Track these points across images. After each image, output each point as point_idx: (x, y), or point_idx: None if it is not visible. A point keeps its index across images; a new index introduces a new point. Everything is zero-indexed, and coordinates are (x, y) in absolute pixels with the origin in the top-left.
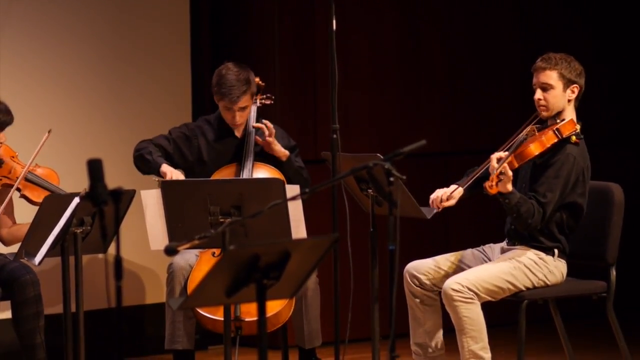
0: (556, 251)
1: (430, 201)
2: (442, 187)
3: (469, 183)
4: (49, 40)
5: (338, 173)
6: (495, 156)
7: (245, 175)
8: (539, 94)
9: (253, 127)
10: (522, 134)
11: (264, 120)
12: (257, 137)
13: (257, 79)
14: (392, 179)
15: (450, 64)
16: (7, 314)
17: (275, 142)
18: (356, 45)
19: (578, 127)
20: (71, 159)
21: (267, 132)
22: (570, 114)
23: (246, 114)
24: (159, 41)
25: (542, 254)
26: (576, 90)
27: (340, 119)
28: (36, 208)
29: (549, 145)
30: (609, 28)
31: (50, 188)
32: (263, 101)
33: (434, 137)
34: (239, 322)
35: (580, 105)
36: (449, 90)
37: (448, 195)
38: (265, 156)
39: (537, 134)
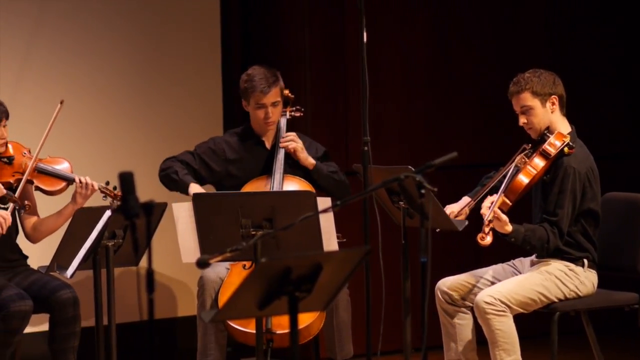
0: (586, 261)
1: None
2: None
3: (480, 197)
4: (80, 47)
5: (369, 185)
6: (485, 204)
7: (275, 187)
8: (522, 119)
9: (281, 146)
10: (512, 165)
11: (286, 134)
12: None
13: (286, 91)
14: (423, 191)
15: (481, 75)
16: (40, 327)
17: (302, 146)
18: (387, 56)
19: (567, 138)
20: (103, 171)
21: (289, 140)
22: (559, 124)
23: (278, 111)
24: (190, 51)
25: (572, 265)
26: (556, 101)
27: (371, 130)
28: (54, 198)
29: (539, 170)
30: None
31: (61, 174)
32: (293, 113)
33: (465, 149)
34: (270, 334)
35: (603, 117)
36: (480, 101)
37: (457, 212)
38: (295, 167)
39: (526, 161)
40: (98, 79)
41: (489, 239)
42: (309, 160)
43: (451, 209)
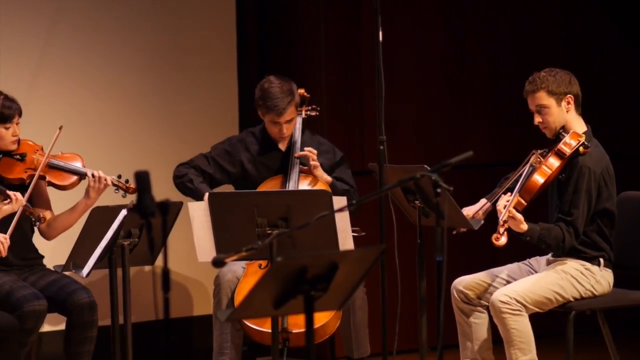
0: (602, 261)
1: None
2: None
3: (496, 198)
4: (97, 46)
5: (385, 184)
6: (501, 203)
7: (291, 186)
8: (537, 118)
9: (296, 156)
10: (527, 166)
11: (306, 148)
12: (301, 166)
13: (302, 91)
14: (439, 190)
15: (497, 75)
16: (58, 327)
17: (319, 168)
18: (402, 56)
19: (582, 137)
20: (120, 170)
21: (310, 160)
22: (574, 123)
23: (292, 126)
24: (206, 50)
25: (588, 264)
26: (571, 100)
27: (386, 130)
28: (69, 195)
29: (554, 170)
30: None
31: (73, 169)
32: (308, 112)
33: (480, 148)
34: (286, 333)
35: (619, 116)
36: (496, 100)
37: (473, 214)
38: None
39: (541, 161)
40: (113, 77)
41: (503, 240)
42: (325, 178)
43: (467, 212)
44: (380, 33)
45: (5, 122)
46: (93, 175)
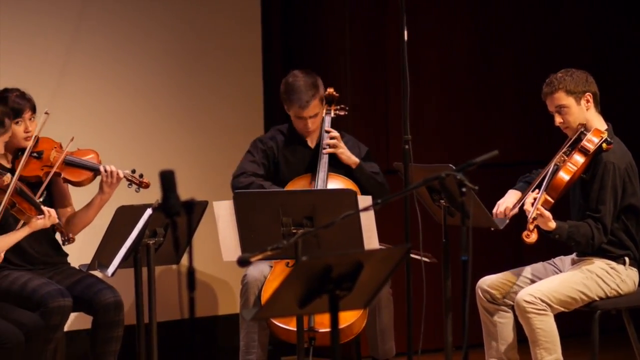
0: (627, 260)
1: (496, 214)
2: None
3: (523, 199)
4: (122, 44)
5: (410, 184)
6: (529, 201)
7: (318, 185)
8: (557, 119)
9: (324, 153)
10: (551, 164)
11: (327, 136)
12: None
13: (331, 90)
14: (464, 189)
15: (521, 74)
16: (84, 325)
17: (343, 148)
18: (427, 55)
19: (604, 133)
20: (144, 168)
21: (332, 141)
22: (595, 121)
23: (318, 120)
24: (231, 47)
25: (614, 263)
26: (590, 98)
27: (411, 129)
28: (87, 190)
29: (579, 167)
30: None
31: (86, 164)
32: (337, 112)
33: (505, 148)
34: (312, 332)
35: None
36: (520, 100)
37: (512, 206)
38: (338, 166)
39: (565, 159)
40: (138, 74)
41: (534, 237)
42: (352, 159)
43: (505, 205)
44: (406, 32)
45: (15, 117)
46: (105, 170)
